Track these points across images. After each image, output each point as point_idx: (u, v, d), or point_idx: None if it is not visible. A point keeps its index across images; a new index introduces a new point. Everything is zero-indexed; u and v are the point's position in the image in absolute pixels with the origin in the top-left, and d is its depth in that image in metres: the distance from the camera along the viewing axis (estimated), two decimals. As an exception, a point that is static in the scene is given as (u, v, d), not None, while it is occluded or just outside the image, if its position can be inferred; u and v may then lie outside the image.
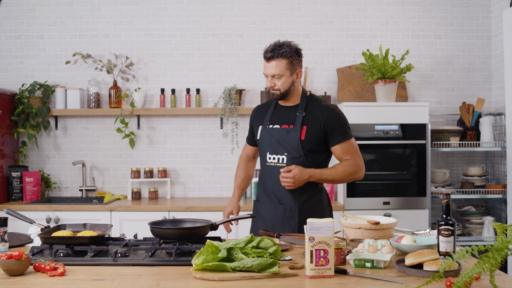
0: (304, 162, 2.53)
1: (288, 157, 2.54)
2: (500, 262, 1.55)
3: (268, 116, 2.65)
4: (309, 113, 2.58)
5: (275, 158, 2.57)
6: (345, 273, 1.79)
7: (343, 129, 2.57)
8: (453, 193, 4.14)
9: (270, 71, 2.52)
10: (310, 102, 2.61)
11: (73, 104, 4.35)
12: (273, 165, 2.57)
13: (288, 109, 2.63)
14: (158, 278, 1.75)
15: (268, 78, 2.55)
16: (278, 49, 2.49)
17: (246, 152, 2.90)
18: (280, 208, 2.56)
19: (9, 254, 1.78)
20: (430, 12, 4.55)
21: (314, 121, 2.55)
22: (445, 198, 1.90)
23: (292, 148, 2.53)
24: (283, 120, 2.60)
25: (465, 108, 4.32)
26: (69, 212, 3.86)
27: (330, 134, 2.55)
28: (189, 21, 4.52)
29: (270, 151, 2.59)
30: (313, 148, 2.55)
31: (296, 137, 2.52)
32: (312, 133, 2.54)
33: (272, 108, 2.68)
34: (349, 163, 2.55)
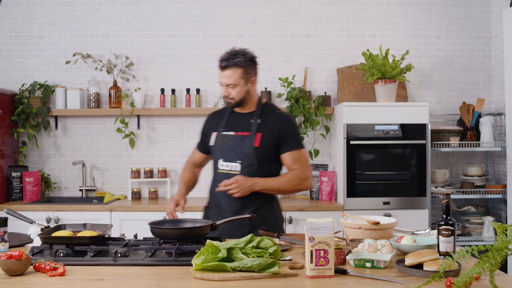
0: (257, 170, 2.52)
1: (242, 164, 2.52)
2: (500, 262, 1.55)
3: (223, 123, 2.64)
4: (264, 120, 2.58)
5: (228, 165, 2.55)
6: (345, 273, 1.79)
7: (295, 138, 2.59)
8: (453, 193, 4.14)
9: (225, 80, 2.51)
10: (265, 110, 2.62)
11: (73, 104, 4.35)
12: (226, 172, 2.55)
13: (243, 116, 2.62)
14: (158, 278, 1.75)
15: (223, 87, 2.54)
16: (233, 58, 2.48)
17: (194, 159, 2.85)
18: (230, 216, 2.49)
19: (9, 254, 1.78)
20: (430, 12, 4.55)
21: (269, 128, 2.56)
22: (445, 198, 1.90)
23: (246, 156, 2.52)
24: (238, 127, 2.59)
25: (465, 108, 4.32)
26: (69, 212, 3.86)
27: (282, 142, 2.56)
28: (189, 21, 4.52)
29: (224, 158, 2.56)
30: (267, 155, 2.55)
31: (251, 144, 2.52)
32: (266, 140, 2.54)
33: (227, 115, 2.66)
34: (296, 173, 2.56)
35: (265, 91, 4.38)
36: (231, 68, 2.49)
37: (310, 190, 4.31)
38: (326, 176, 4.16)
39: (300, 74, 4.50)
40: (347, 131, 3.95)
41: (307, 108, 4.26)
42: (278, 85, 4.47)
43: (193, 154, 2.86)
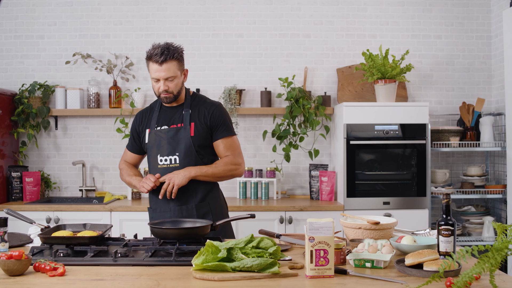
0: (196, 159, 2.55)
1: (180, 156, 2.53)
2: (500, 262, 1.55)
3: (155, 119, 2.62)
4: (195, 110, 2.60)
5: (167, 159, 2.55)
6: (345, 273, 1.79)
7: (227, 125, 2.63)
8: (453, 193, 4.14)
9: (163, 74, 2.48)
10: (195, 100, 2.64)
11: (73, 104, 4.35)
12: (166, 167, 2.55)
13: (174, 109, 2.63)
14: (158, 278, 1.75)
15: (160, 81, 2.50)
16: (168, 51, 2.47)
17: (126, 160, 2.79)
18: (177, 209, 2.54)
19: (9, 254, 1.78)
20: (430, 12, 4.55)
21: (201, 116, 2.59)
22: (445, 198, 1.90)
23: (184, 146, 2.54)
24: (171, 121, 2.60)
25: (465, 108, 4.32)
26: (69, 212, 3.86)
27: (215, 129, 2.60)
28: (189, 21, 4.52)
29: (161, 153, 2.56)
30: (203, 143, 2.58)
31: (186, 134, 2.54)
32: (200, 129, 2.57)
33: (157, 111, 2.64)
34: (229, 160, 2.60)
35: (265, 91, 4.38)
36: (169, 61, 2.48)
37: (310, 190, 4.31)
38: (326, 176, 4.16)
39: (300, 74, 4.50)
40: (347, 131, 3.95)
41: (307, 108, 4.26)
42: (278, 85, 4.47)
43: (124, 156, 2.80)
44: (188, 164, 2.54)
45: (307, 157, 4.48)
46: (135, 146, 2.74)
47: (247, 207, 3.85)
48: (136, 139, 2.72)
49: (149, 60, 2.51)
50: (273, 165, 4.44)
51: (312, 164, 4.34)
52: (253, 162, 4.49)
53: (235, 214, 2.45)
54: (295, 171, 4.51)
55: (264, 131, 4.36)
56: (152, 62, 2.49)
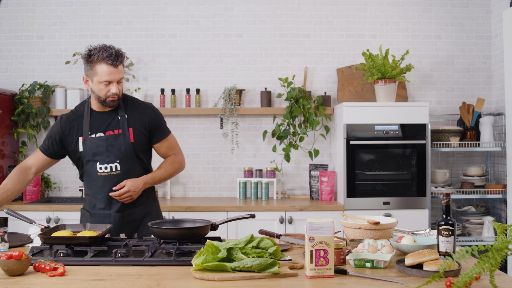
0: (136, 165, 2.53)
1: (121, 163, 2.48)
2: (500, 262, 1.55)
3: (87, 125, 2.49)
4: (131, 115, 2.54)
5: (108, 167, 2.48)
6: (345, 273, 1.79)
7: (164, 126, 2.64)
8: (453, 193, 4.14)
9: (118, 76, 2.41)
10: (127, 103, 2.57)
11: (73, 104, 4.33)
12: (106, 174, 2.49)
13: (106, 114, 2.52)
14: (158, 278, 1.75)
15: (113, 84, 2.41)
16: (119, 53, 2.41)
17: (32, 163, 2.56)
18: (117, 215, 2.51)
19: (9, 254, 1.78)
20: (430, 12, 4.55)
21: (139, 121, 2.54)
22: (445, 198, 1.90)
23: (124, 153, 2.48)
24: (105, 127, 2.50)
25: (465, 108, 4.32)
26: (69, 212, 3.86)
27: (154, 132, 2.58)
28: (189, 21, 4.52)
29: (100, 161, 2.48)
30: (143, 148, 2.57)
31: (126, 141, 2.49)
32: (139, 134, 2.53)
33: (87, 116, 2.51)
34: (174, 160, 2.64)
35: (265, 91, 4.38)
36: (120, 64, 2.43)
37: (310, 190, 4.31)
38: (326, 176, 4.16)
39: (300, 74, 4.50)
40: (347, 131, 3.95)
41: (307, 108, 4.26)
42: (278, 85, 4.47)
43: (32, 158, 2.57)
44: (129, 170, 2.50)
45: (307, 157, 4.48)
46: (51, 150, 2.55)
47: (247, 207, 3.85)
48: (56, 144, 2.54)
49: (98, 62, 2.38)
50: (273, 165, 4.44)
51: (312, 164, 4.34)
52: (253, 162, 4.49)
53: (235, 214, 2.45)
54: (295, 171, 4.51)
55: (264, 131, 4.36)
56: (105, 64, 2.37)
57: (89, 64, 2.42)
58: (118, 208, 2.52)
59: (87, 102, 2.56)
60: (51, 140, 2.55)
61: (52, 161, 2.60)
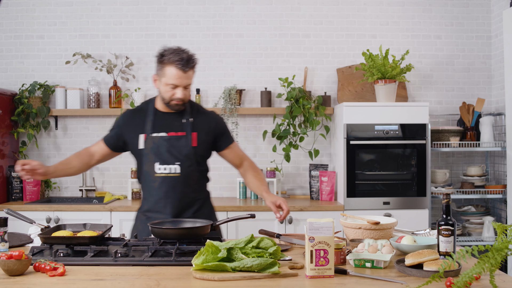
0: (196, 169, 2.51)
1: (181, 166, 2.45)
2: (500, 262, 1.55)
3: (150, 124, 2.48)
4: (196, 120, 2.53)
5: (166, 168, 2.45)
6: (345, 273, 1.79)
7: (229, 133, 2.65)
8: (453, 193, 4.14)
9: (186, 81, 2.39)
10: (193, 108, 2.56)
11: (73, 104, 4.35)
12: (165, 175, 2.46)
13: (172, 115, 2.50)
14: (158, 278, 1.75)
15: (179, 88, 2.38)
16: (192, 59, 2.39)
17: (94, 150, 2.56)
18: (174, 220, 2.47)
19: (9, 254, 1.78)
20: (430, 12, 4.55)
21: (204, 126, 2.53)
22: (445, 198, 1.90)
23: (185, 156, 2.46)
24: (169, 128, 2.47)
25: (465, 108, 4.32)
26: (69, 212, 3.86)
27: (219, 138, 2.58)
28: (189, 21, 4.52)
29: (160, 161, 2.45)
30: (204, 154, 2.55)
31: (188, 144, 2.47)
32: (202, 139, 2.51)
33: (151, 115, 2.50)
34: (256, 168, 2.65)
35: (265, 91, 4.38)
36: (192, 70, 2.41)
37: (310, 190, 4.31)
38: (326, 176, 4.16)
39: (300, 74, 4.50)
40: (347, 131, 3.95)
41: (307, 108, 4.26)
42: (278, 85, 4.47)
43: (96, 146, 2.57)
44: (188, 174, 2.48)
45: (307, 157, 4.48)
46: (112, 141, 2.55)
47: (247, 207, 3.85)
48: (117, 137, 2.54)
49: (168, 64, 2.36)
50: (273, 165, 4.44)
51: (312, 164, 4.34)
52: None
53: (235, 214, 2.45)
54: (295, 171, 4.51)
55: (264, 131, 4.36)
56: (174, 68, 2.35)
57: (160, 64, 2.41)
58: (174, 212, 2.47)
59: (153, 101, 2.55)
60: (113, 132, 2.56)
61: (112, 153, 2.58)
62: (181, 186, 2.46)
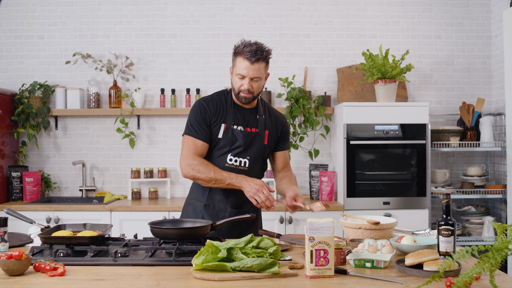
0: (261, 166, 2.58)
1: (250, 160, 2.51)
2: (500, 262, 1.55)
3: (230, 116, 2.51)
4: (267, 118, 2.59)
5: (237, 160, 2.50)
6: (345, 273, 1.79)
7: (288, 138, 2.71)
8: (453, 193, 4.14)
9: (252, 72, 2.40)
10: (265, 107, 2.63)
11: (73, 104, 4.35)
12: (234, 167, 2.50)
13: (248, 111, 2.55)
14: (158, 278, 1.75)
15: (246, 79, 2.41)
16: (261, 51, 2.41)
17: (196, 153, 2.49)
18: (233, 211, 2.52)
19: (9, 254, 1.78)
20: (430, 12, 4.55)
21: (273, 125, 2.60)
22: (445, 198, 1.90)
23: (256, 152, 2.52)
24: (245, 122, 2.53)
25: (465, 108, 4.32)
26: (69, 212, 3.86)
27: (281, 140, 2.64)
28: (189, 21, 4.52)
29: (232, 153, 2.49)
30: (269, 152, 2.62)
31: (261, 141, 2.53)
32: (271, 138, 2.58)
33: (231, 107, 2.53)
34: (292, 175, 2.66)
35: (265, 91, 4.38)
36: (261, 62, 2.41)
37: (310, 190, 4.31)
38: (326, 176, 4.16)
39: (300, 74, 4.50)
40: (347, 131, 3.95)
41: (307, 108, 4.26)
42: (278, 85, 4.47)
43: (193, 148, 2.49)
44: (255, 169, 2.53)
45: (307, 157, 4.48)
46: (208, 135, 2.50)
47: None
48: (207, 128, 2.50)
49: (239, 55, 2.43)
50: (273, 165, 4.44)
51: (312, 164, 4.34)
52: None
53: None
54: (295, 171, 4.50)
55: (264, 131, 4.35)
56: (243, 58, 2.40)
57: (233, 56, 2.49)
58: (234, 204, 2.52)
59: (228, 93, 2.57)
60: (204, 126, 2.49)
61: (207, 146, 2.52)
62: None
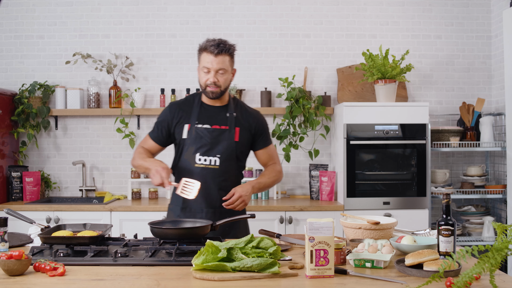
0: (235, 164, 2.55)
1: (221, 159, 2.49)
2: (500, 262, 1.55)
3: (195, 115, 2.53)
4: (239, 115, 2.57)
5: (207, 159, 2.49)
6: (345, 273, 1.79)
7: (268, 133, 2.67)
8: (453, 193, 4.14)
9: (216, 65, 2.43)
10: (237, 104, 2.62)
11: (73, 104, 4.35)
12: (204, 166, 2.49)
13: (217, 108, 2.56)
14: (158, 278, 1.75)
15: (211, 72, 2.44)
16: (224, 45, 2.46)
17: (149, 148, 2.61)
18: (210, 211, 2.50)
19: (9, 254, 1.78)
20: (430, 12, 4.55)
21: (246, 123, 2.57)
22: (445, 198, 1.90)
23: (226, 150, 2.50)
24: (213, 120, 2.53)
25: (465, 108, 4.32)
26: (69, 212, 3.86)
27: (258, 137, 2.61)
28: (189, 21, 4.52)
29: (201, 152, 2.49)
30: (244, 150, 2.58)
31: (231, 138, 2.51)
32: (244, 136, 2.55)
33: (197, 107, 2.55)
34: (274, 168, 2.65)
35: (265, 91, 4.38)
36: (224, 55, 2.45)
37: (310, 190, 4.31)
38: (326, 176, 4.16)
39: (300, 74, 4.50)
40: (347, 131, 3.95)
41: (307, 108, 4.26)
42: (278, 85, 4.47)
43: (144, 143, 2.63)
44: (227, 167, 2.51)
45: (307, 157, 4.48)
46: (160, 137, 2.59)
47: (247, 207, 3.84)
48: (163, 130, 2.57)
49: (203, 51, 2.46)
50: (273, 165, 4.44)
51: (312, 164, 4.34)
52: (253, 162, 4.46)
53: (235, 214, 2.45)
54: (295, 171, 4.51)
55: (264, 131, 4.35)
56: (207, 53, 2.44)
57: (198, 54, 2.52)
58: (210, 204, 2.50)
59: (199, 94, 2.60)
60: (158, 126, 2.58)
61: (161, 148, 2.62)
62: (219, 179, 2.49)
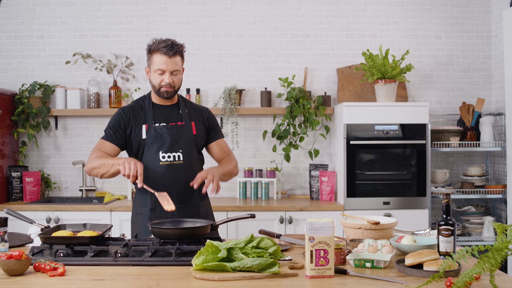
0: (196, 157, 2.61)
1: (183, 153, 2.54)
2: (500, 262, 1.55)
3: (150, 115, 2.55)
4: (190, 110, 2.65)
5: (170, 156, 2.52)
6: (345, 273, 1.79)
7: (219, 127, 2.75)
8: (453, 193, 4.14)
9: (172, 66, 2.48)
10: (186, 102, 2.70)
11: (73, 104, 4.35)
12: (169, 163, 2.51)
13: (169, 107, 2.62)
14: (158, 278, 1.75)
15: (166, 74, 2.48)
16: (176, 46, 2.50)
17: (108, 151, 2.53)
18: (181, 207, 2.50)
19: (9, 254, 1.78)
20: (430, 12, 4.55)
21: (199, 117, 2.65)
22: (445, 198, 1.90)
23: (187, 144, 2.55)
24: (168, 119, 2.58)
25: (465, 108, 4.32)
26: (69, 212, 3.86)
27: (210, 131, 2.68)
28: (189, 21, 4.52)
29: (163, 150, 2.51)
30: (201, 143, 2.66)
31: (189, 132, 2.57)
32: (199, 128, 2.63)
33: (150, 108, 2.57)
34: (230, 159, 2.69)
35: (265, 91, 4.38)
36: (177, 56, 2.51)
37: (310, 190, 4.31)
38: (326, 176, 4.16)
39: (300, 74, 4.50)
40: (347, 131, 3.95)
41: (307, 108, 4.26)
42: (278, 85, 4.47)
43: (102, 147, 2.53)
44: (190, 161, 2.56)
45: (307, 157, 4.48)
46: (118, 139, 2.54)
47: (247, 207, 3.85)
48: (120, 132, 2.54)
49: (155, 52, 2.49)
50: (273, 165, 4.44)
51: (312, 164, 4.34)
52: (253, 162, 4.49)
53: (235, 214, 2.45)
54: (295, 171, 4.51)
55: (264, 131, 4.36)
56: (159, 54, 2.47)
57: (148, 55, 2.54)
58: (180, 199, 2.51)
59: (148, 96, 2.64)
60: (114, 129, 2.55)
61: (119, 151, 2.58)
62: (184, 174, 2.52)
